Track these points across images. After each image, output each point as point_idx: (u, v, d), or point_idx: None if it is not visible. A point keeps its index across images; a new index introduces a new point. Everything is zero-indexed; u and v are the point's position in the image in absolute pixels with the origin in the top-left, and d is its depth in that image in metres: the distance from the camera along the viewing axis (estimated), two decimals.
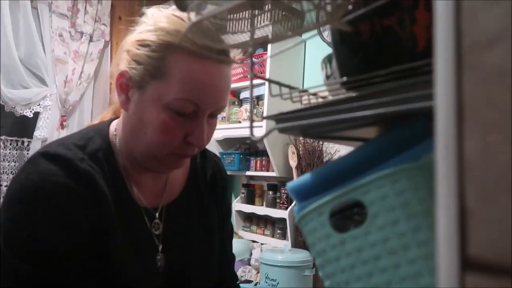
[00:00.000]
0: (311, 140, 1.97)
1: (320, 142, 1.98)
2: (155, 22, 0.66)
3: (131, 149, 0.70)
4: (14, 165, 2.49)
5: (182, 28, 0.64)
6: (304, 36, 2.31)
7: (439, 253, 0.17)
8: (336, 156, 1.95)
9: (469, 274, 0.17)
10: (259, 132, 1.98)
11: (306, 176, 0.46)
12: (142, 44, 0.65)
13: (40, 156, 0.64)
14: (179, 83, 0.63)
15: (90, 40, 2.66)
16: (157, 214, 0.75)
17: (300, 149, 2.02)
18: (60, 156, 0.64)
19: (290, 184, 0.47)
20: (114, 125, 0.75)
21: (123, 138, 0.71)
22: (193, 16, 0.40)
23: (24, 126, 2.55)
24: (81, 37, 2.61)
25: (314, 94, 0.53)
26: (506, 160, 0.17)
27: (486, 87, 0.18)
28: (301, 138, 2.03)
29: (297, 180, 0.46)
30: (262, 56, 2.17)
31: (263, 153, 2.22)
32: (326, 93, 0.53)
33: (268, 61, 2.06)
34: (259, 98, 2.19)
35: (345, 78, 0.45)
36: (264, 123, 1.98)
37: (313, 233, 0.40)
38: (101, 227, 0.65)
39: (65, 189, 0.61)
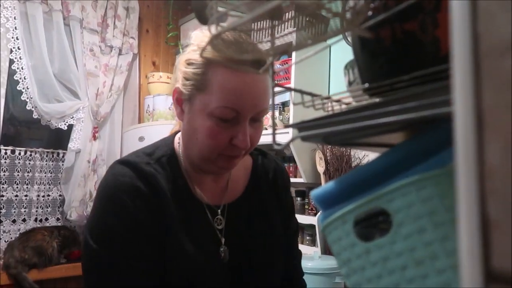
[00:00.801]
0: None
1: (347, 148, 1.95)
2: (198, 43, 0.77)
3: (189, 154, 0.81)
4: (51, 176, 2.59)
5: (215, 47, 0.71)
6: (329, 41, 2.29)
7: (462, 265, 0.17)
8: (365, 161, 1.92)
9: (493, 285, 0.16)
10: (285, 139, 1.98)
11: (330, 184, 0.46)
12: (188, 63, 0.76)
13: (116, 162, 0.80)
14: (218, 93, 0.72)
15: (119, 54, 2.75)
16: (219, 211, 0.83)
17: (328, 155, 2.00)
18: (130, 161, 0.78)
19: (314, 192, 0.46)
20: (178, 135, 0.87)
21: (184, 145, 0.82)
22: (213, 29, 0.41)
23: (59, 138, 2.66)
24: (111, 51, 2.70)
25: (338, 101, 0.53)
26: None
27: (505, 93, 0.17)
28: None
29: (321, 188, 0.46)
30: (286, 63, 2.18)
31: (290, 159, 2.21)
32: (349, 100, 0.53)
33: (293, 68, 2.06)
34: (285, 104, 2.18)
35: (367, 85, 0.44)
36: (290, 129, 1.98)
37: (338, 242, 0.40)
38: (162, 220, 0.75)
39: (131, 187, 0.74)
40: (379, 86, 0.43)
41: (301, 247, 2.25)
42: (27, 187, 2.48)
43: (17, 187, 2.45)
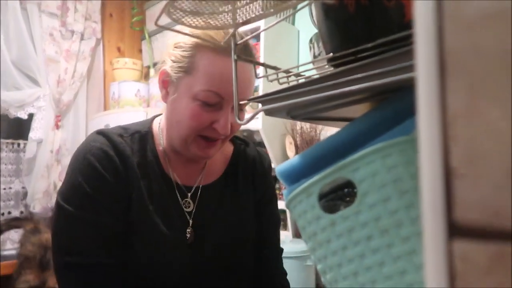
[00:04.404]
0: (308, 129, 1.95)
1: (318, 131, 1.96)
2: (187, 27, 0.76)
3: (170, 136, 0.82)
4: (12, 168, 2.47)
5: (208, 31, 0.72)
6: (297, 25, 2.28)
7: (425, 219, 0.16)
8: None
9: (457, 240, 0.15)
10: (257, 122, 1.96)
11: (295, 159, 0.44)
12: (177, 45, 0.77)
13: (93, 132, 0.82)
14: (204, 77, 0.73)
15: (82, 39, 2.63)
16: (189, 194, 0.84)
17: (298, 139, 2.00)
18: (104, 131, 0.81)
19: (278, 168, 0.45)
20: (160, 117, 0.88)
21: (166, 127, 0.83)
22: None
23: (19, 128, 2.53)
24: (72, 35, 2.58)
25: (301, 75, 0.51)
26: (496, 115, 0.15)
27: (468, 35, 0.16)
28: (297, 127, 2.01)
29: (285, 163, 0.45)
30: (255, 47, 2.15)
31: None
32: (314, 73, 0.52)
33: (262, 53, 2.04)
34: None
35: (331, 54, 0.43)
36: (260, 114, 1.96)
37: (303, 215, 0.39)
38: (128, 187, 0.77)
39: (100, 150, 0.76)
40: (343, 56, 0.42)
41: None
42: None
43: None
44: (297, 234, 2.00)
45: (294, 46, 2.23)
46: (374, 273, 0.33)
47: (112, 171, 0.76)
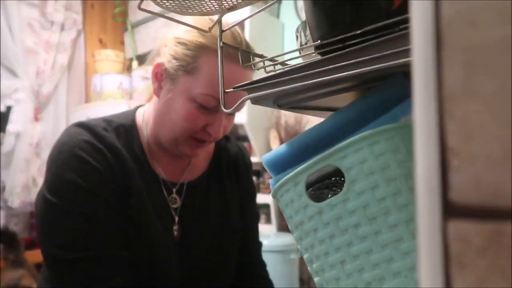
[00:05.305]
0: (293, 123, 1.95)
1: (302, 125, 1.96)
2: (193, 24, 0.75)
3: (157, 131, 0.79)
4: None
5: (215, 33, 0.70)
6: (281, 18, 2.27)
7: (419, 199, 0.15)
8: None
9: (452, 221, 0.15)
10: (242, 116, 1.95)
11: (282, 147, 0.44)
12: (180, 42, 0.74)
13: (71, 125, 0.78)
14: (206, 80, 0.72)
15: (62, 29, 2.56)
16: (174, 190, 0.82)
17: (282, 133, 2.00)
18: (87, 124, 0.76)
19: (265, 157, 0.44)
20: (142, 109, 0.86)
21: (152, 121, 0.80)
22: None
23: None
24: (52, 26, 2.51)
25: (282, 63, 0.50)
26: (493, 88, 0.15)
27: (466, 6, 0.15)
28: (282, 121, 2.01)
29: (272, 152, 0.44)
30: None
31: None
32: (301, 62, 0.51)
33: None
34: None
35: (319, 42, 0.42)
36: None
37: (290, 204, 0.38)
38: (122, 177, 0.74)
39: (88, 144, 0.73)
40: (331, 44, 0.41)
41: None
42: None
43: None
44: (281, 228, 2.01)
45: (279, 39, 2.23)
46: (361, 261, 0.33)
47: (105, 164, 0.73)
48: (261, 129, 2.07)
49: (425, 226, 0.15)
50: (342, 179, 0.36)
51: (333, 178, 0.40)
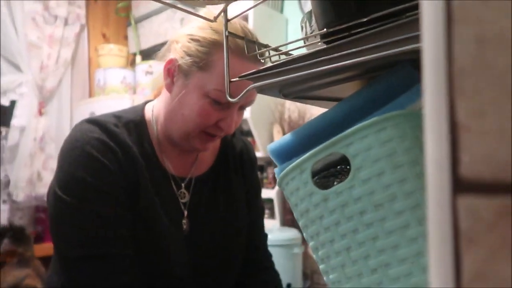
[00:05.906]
0: (297, 117, 1.95)
1: (306, 120, 1.96)
2: (206, 21, 0.74)
3: (169, 126, 0.80)
4: None
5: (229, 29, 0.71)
6: (285, 13, 2.26)
7: (429, 174, 0.15)
8: None
9: (462, 196, 0.15)
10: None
11: (287, 136, 0.44)
12: (193, 38, 0.75)
13: (83, 121, 0.79)
14: (220, 76, 0.72)
15: (65, 24, 2.57)
16: (183, 185, 0.83)
17: (286, 128, 2.00)
18: (98, 120, 0.77)
19: (270, 146, 0.44)
20: (151, 104, 0.86)
21: (163, 116, 0.81)
22: None
23: (1, 115, 2.47)
24: (55, 20, 2.51)
25: (286, 53, 0.50)
26: (505, 63, 0.15)
27: None
28: (286, 116, 2.01)
29: (277, 142, 0.44)
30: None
31: (248, 133, 2.19)
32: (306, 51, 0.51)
33: None
34: None
35: (324, 30, 0.42)
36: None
37: (296, 192, 0.38)
38: (132, 175, 0.75)
39: (99, 142, 0.74)
40: (337, 32, 0.41)
41: None
42: None
43: None
44: (284, 223, 2.01)
45: (282, 34, 2.22)
46: (367, 248, 0.33)
47: (116, 162, 0.74)
48: (264, 124, 2.07)
49: (434, 201, 0.15)
50: (348, 167, 0.36)
51: (338, 167, 0.40)
